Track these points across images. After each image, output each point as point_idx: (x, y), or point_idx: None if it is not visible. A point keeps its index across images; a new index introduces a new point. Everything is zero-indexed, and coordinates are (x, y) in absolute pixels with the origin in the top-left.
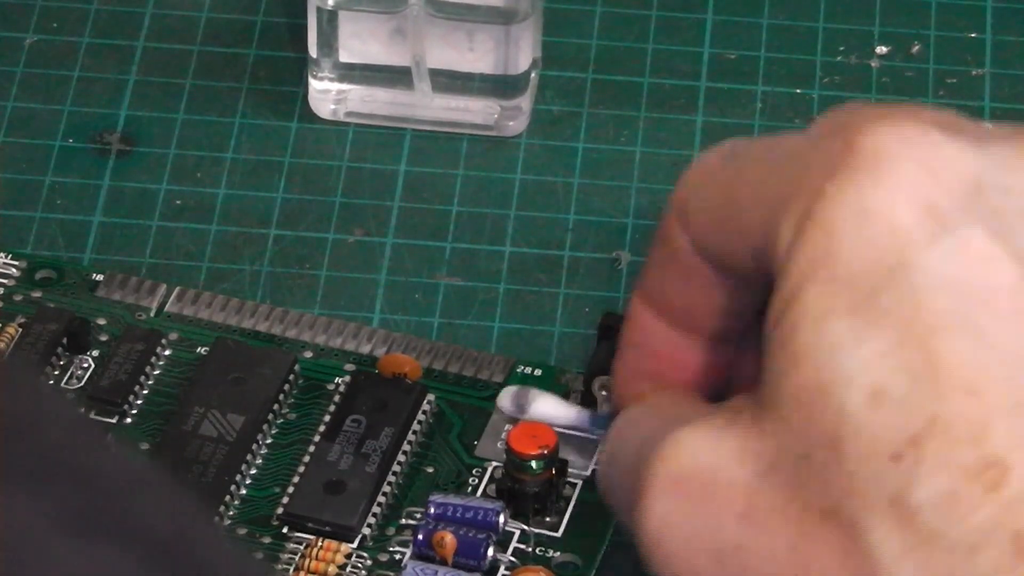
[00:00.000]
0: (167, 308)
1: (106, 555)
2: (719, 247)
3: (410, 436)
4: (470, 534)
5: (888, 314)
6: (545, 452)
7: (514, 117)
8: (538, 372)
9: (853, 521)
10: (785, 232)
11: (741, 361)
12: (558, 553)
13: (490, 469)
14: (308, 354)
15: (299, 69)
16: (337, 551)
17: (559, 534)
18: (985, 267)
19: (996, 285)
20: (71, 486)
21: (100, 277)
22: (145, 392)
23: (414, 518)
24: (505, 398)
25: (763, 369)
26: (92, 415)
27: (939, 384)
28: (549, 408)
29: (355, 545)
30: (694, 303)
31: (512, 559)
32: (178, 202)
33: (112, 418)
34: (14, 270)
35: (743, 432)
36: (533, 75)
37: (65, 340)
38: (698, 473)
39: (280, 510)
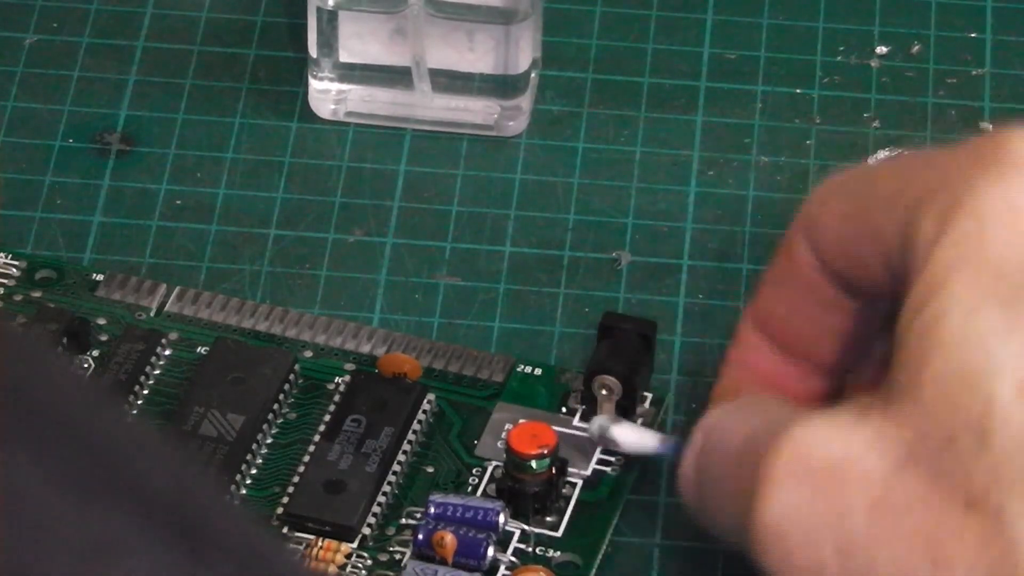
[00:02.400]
0: (167, 308)
1: (106, 512)
2: (849, 257)
3: (410, 436)
4: (470, 534)
5: None
6: (545, 452)
7: (514, 117)
8: (538, 372)
9: (998, 510)
10: (928, 224)
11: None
12: (558, 553)
13: (490, 469)
14: (308, 354)
15: (299, 69)
16: (337, 551)
17: (559, 534)
18: None
19: None
20: (71, 446)
21: (100, 277)
22: (145, 392)
23: (414, 518)
24: (594, 425)
25: (897, 360)
26: None
27: None
28: (630, 436)
29: (355, 545)
30: (808, 326)
31: (512, 559)
32: (178, 202)
33: None
34: (14, 270)
35: (877, 422)
36: (533, 75)
37: (65, 340)
38: (828, 462)
39: (280, 510)
